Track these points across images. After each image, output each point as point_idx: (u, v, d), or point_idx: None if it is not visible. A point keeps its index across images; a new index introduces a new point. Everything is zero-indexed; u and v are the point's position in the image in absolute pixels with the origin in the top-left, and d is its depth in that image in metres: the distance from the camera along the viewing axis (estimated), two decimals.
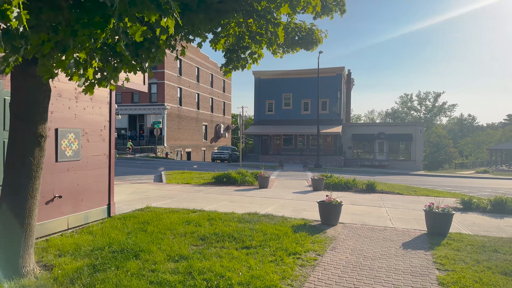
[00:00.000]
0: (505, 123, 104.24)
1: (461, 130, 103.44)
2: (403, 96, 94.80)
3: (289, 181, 18.89)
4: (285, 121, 39.99)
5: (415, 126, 39.40)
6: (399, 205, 11.58)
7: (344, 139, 39.42)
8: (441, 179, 28.18)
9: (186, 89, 47.72)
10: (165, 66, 42.92)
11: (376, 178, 24.03)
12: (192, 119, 49.44)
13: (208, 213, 8.93)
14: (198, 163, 35.20)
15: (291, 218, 8.69)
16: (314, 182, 14.77)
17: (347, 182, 15.21)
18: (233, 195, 12.55)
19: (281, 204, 11.05)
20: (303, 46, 8.43)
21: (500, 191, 18.34)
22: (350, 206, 10.94)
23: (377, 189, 14.86)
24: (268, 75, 41.14)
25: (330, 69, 39.29)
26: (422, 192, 15.14)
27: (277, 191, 14.17)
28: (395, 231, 7.92)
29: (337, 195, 13.44)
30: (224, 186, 15.08)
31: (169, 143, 43.62)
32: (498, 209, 10.69)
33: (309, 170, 30.21)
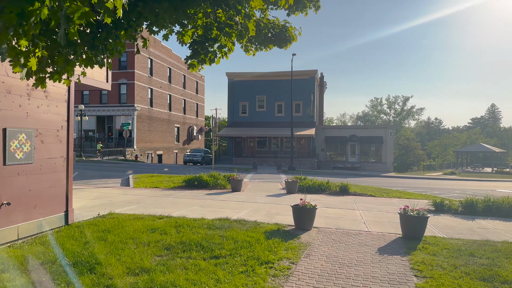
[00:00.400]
0: (470, 126, 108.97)
1: (428, 133, 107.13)
2: (373, 100, 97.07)
3: (263, 184, 18.54)
4: (259, 123, 39.73)
5: (385, 129, 40.18)
6: (372, 208, 11.46)
7: (317, 141, 39.62)
8: (411, 180, 28.73)
9: (158, 90, 46.57)
10: (135, 66, 41.69)
11: (349, 180, 24.13)
12: (164, 120, 48.29)
13: (176, 219, 8.39)
14: (169, 166, 34.27)
15: (264, 223, 8.31)
16: (288, 185, 14.48)
17: (320, 185, 15.03)
18: (204, 200, 12.03)
19: (254, 208, 10.66)
20: (277, 44, 8.10)
21: (469, 192, 18.79)
22: (324, 209, 10.69)
23: (350, 191, 14.76)
24: (242, 77, 40.78)
25: (304, 71, 39.42)
26: (394, 194, 15.19)
27: (251, 194, 13.77)
28: (370, 235, 7.70)
29: (311, 197, 13.20)
30: (195, 190, 14.52)
31: (139, 146, 42.33)
32: (469, 210, 10.75)
33: (283, 172, 30.03)
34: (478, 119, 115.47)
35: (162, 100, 47.96)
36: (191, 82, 56.80)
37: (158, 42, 46.93)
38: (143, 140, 43.53)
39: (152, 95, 45.44)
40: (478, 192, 19.28)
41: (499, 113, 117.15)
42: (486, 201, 10.99)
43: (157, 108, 46.55)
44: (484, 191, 20.01)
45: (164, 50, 48.20)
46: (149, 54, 44.62)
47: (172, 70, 50.29)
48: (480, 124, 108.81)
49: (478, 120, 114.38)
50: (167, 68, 49.09)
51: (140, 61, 42.76)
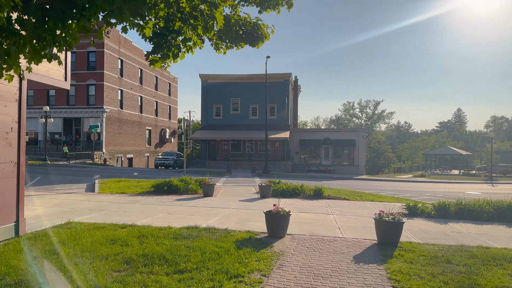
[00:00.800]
0: (437, 130, 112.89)
1: (398, 136, 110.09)
2: (346, 104, 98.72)
3: (236, 188, 18.08)
4: (233, 126, 39.22)
5: (358, 132, 40.67)
6: (346, 212, 11.25)
7: (291, 144, 39.57)
8: (383, 183, 29.08)
9: (128, 91, 45.19)
10: (105, 66, 40.26)
11: (323, 183, 24.04)
12: (135, 123, 46.90)
13: (140, 228, 7.80)
14: (140, 170, 33.16)
15: (235, 231, 7.85)
16: (262, 189, 14.10)
17: (295, 189, 14.75)
18: (173, 206, 11.44)
19: (226, 214, 10.18)
20: (248, 42, 7.70)
21: (439, 195, 19.07)
22: (298, 214, 10.37)
23: (324, 195, 14.57)
24: (216, 79, 40.18)
25: (278, 75, 39.32)
26: (367, 197, 15.12)
27: (223, 199, 13.28)
28: (345, 242, 7.41)
29: (285, 202, 12.88)
30: (164, 195, 13.87)
31: (108, 149, 40.83)
32: (442, 214, 10.74)
33: (257, 176, 29.67)
34: (445, 123, 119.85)
35: (133, 102, 46.59)
36: (163, 84, 55.59)
37: (129, 42, 45.64)
38: (113, 143, 42.05)
39: (123, 96, 44.03)
40: (448, 194, 19.62)
41: (464, 117, 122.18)
42: (458, 204, 11.03)
43: (128, 110, 45.16)
44: (454, 193, 20.40)
45: (135, 51, 46.92)
46: (120, 54, 43.27)
47: (143, 71, 49.01)
48: (447, 127, 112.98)
49: (445, 124, 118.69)
50: (138, 69, 47.78)
51: (109, 62, 41.35)
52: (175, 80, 60.18)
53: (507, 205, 10.67)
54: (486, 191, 23.28)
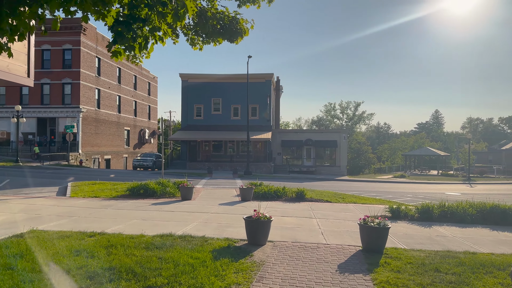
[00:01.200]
0: (416, 131, 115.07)
1: (378, 137, 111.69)
2: (327, 105, 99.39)
3: (217, 190, 17.56)
4: (214, 126, 38.58)
5: (339, 133, 40.74)
6: (329, 215, 10.93)
7: (273, 145, 39.26)
8: (364, 184, 29.10)
9: (106, 90, 43.90)
10: (81, 64, 38.94)
11: (305, 185, 23.81)
12: (113, 123, 45.62)
13: (109, 237, 7.21)
14: (117, 172, 32.14)
15: (213, 238, 7.37)
16: (243, 192, 13.64)
17: (276, 191, 14.36)
18: (149, 211, 10.84)
19: (205, 219, 9.68)
20: (227, 37, 7.24)
21: (420, 196, 19.08)
22: (280, 219, 9.96)
23: (306, 197, 14.25)
24: (197, 79, 39.43)
25: (260, 75, 38.93)
26: (349, 199, 14.89)
27: (202, 203, 12.75)
28: (329, 249, 7.04)
29: (267, 205, 12.48)
30: (140, 199, 13.22)
31: (84, 150, 39.50)
32: (425, 216, 10.55)
33: (239, 177, 29.19)
34: (423, 124, 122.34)
35: (111, 101, 45.30)
36: (143, 83, 54.38)
37: (107, 40, 44.33)
38: (90, 144, 40.72)
39: (100, 96, 42.73)
40: (429, 195, 19.67)
41: (442, 119, 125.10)
42: (441, 206, 10.87)
43: (105, 110, 43.86)
44: (434, 194, 20.49)
45: None
46: (97, 52, 41.98)
47: (122, 70, 47.77)
48: (425, 129, 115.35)
49: (423, 125, 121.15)
50: (116, 68, 46.52)
51: (86, 60, 40.03)
52: (155, 79, 59.01)
53: (490, 207, 10.58)
54: (465, 191, 23.56)
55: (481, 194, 21.51)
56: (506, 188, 28.40)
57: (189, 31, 7.62)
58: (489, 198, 19.05)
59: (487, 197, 19.51)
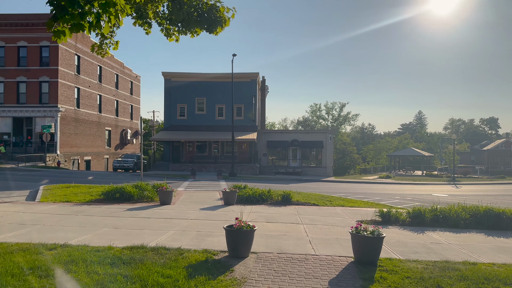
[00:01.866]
0: (399, 131, 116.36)
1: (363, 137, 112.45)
2: (313, 105, 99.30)
3: (199, 193, 16.77)
4: (198, 126, 37.62)
5: (325, 133, 40.38)
6: (317, 220, 10.32)
7: (259, 146, 38.60)
8: (350, 185, 28.72)
9: (86, 89, 42.46)
10: (59, 62, 37.46)
11: (291, 187, 23.23)
12: (93, 123, 44.17)
13: (72, 250, 6.38)
14: (97, 174, 30.92)
15: (190, 250, 6.63)
16: (226, 196, 12.91)
17: (261, 194, 13.69)
18: (123, 217, 10.00)
19: (183, 227, 8.91)
20: (205, 26, 6.50)
21: (408, 198, 18.71)
22: (265, 225, 9.29)
23: (293, 201, 13.63)
24: (180, 77, 38.39)
25: (245, 74, 38.20)
26: (337, 202, 14.33)
27: (182, 207, 11.96)
28: (318, 261, 6.39)
29: (251, 209, 11.79)
30: (115, 204, 12.34)
31: (63, 151, 38.02)
32: (417, 221, 10.04)
33: (223, 179, 28.42)
34: (407, 125, 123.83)
35: (91, 100, 43.84)
36: (125, 82, 52.97)
37: (87, 37, 42.90)
38: (68, 145, 39.24)
39: (80, 95, 41.26)
40: (417, 197, 19.33)
41: (425, 119, 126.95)
42: (433, 210, 10.39)
43: (85, 109, 42.41)
44: (422, 196, 20.19)
45: None
46: (76, 50, 40.53)
47: (103, 69, 46.34)
48: (408, 129, 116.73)
49: (407, 126, 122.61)
50: (97, 66, 45.07)
51: (65, 57, 38.56)
52: (137, 78, 57.62)
53: (483, 211, 10.14)
54: (452, 193, 23.39)
55: (468, 195, 21.33)
56: (491, 188, 28.47)
57: (163, 20, 6.86)
58: (477, 199, 18.83)
59: (474, 198, 19.32)
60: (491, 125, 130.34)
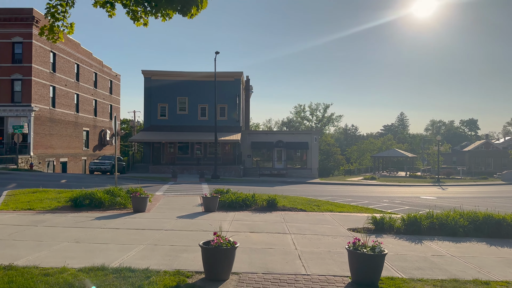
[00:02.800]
0: (382, 132, 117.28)
1: (346, 138, 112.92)
2: (297, 106, 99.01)
3: (179, 198, 15.69)
4: (180, 127, 36.34)
5: (310, 134, 39.73)
6: (306, 229, 9.45)
7: (243, 147, 37.62)
8: (337, 187, 28.08)
9: (62, 88, 40.62)
10: (33, 59, 35.61)
11: (276, 189, 22.37)
12: (70, 123, 42.33)
13: (16, 273, 5.28)
14: (71, 176, 29.33)
15: (160, 272, 5.62)
16: (206, 202, 11.90)
17: (245, 199, 12.75)
18: (88, 228, 8.88)
19: (155, 240, 7.88)
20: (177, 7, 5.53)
21: (397, 201, 18.09)
22: (249, 236, 8.35)
23: (278, 206, 12.75)
24: (161, 76, 37.02)
25: (228, 73, 37.15)
26: (325, 207, 13.52)
27: (157, 216, 10.90)
28: (310, 283, 5.49)
29: (234, 217, 10.83)
30: (84, 211, 11.17)
31: (37, 152, 36.16)
32: (413, 229, 9.28)
33: (206, 181, 27.33)
34: (389, 126, 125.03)
35: (68, 100, 41.99)
36: (104, 81, 51.16)
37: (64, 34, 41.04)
38: (43, 146, 37.37)
39: (55, 94, 39.40)
40: (406, 200, 18.75)
41: (407, 121, 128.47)
42: (429, 217, 9.67)
43: (61, 109, 40.57)
44: (410, 199, 19.64)
45: (71, 44, 42.41)
46: (52, 46, 38.67)
47: (80, 67, 44.52)
48: (391, 130, 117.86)
49: (389, 127, 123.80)
50: (74, 64, 43.24)
51: (39, 54, 36.71)
52: (117, 77, 55.81)
53: (483, 217, 9.47)
54: (440, 195, 22.97)
55: (456, 198, 20.95)
56: (476, 190, 28.32)
57: (128, 1, 5.87)
58: (466, 202, 18.39)
59: (463, 201, 18.89)
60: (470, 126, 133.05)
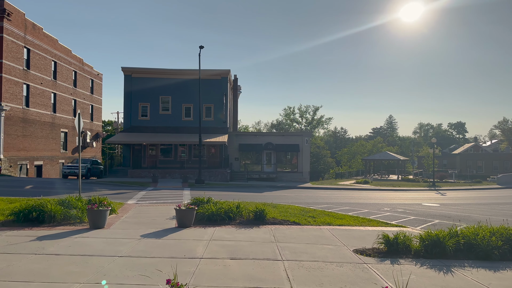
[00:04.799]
0: (371, 135, 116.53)
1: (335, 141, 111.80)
2: (287, 108, 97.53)
3: (152, 208, 13.60)
4: (163, 128, 34.11)
5: (301, 136, 37.92)
6: (301, 252, 7.51)
7: (230, 149, 35.57)
8: (330, 193, 26.25)
9: (37, 86, 38.00)
10: (4, 55, 32.97)
11: (265, 196, 20.42)
12: (46, 124, 39.68)
13: None
14: (40, 182, 26.87)
15: None
16: (180, 215, 9.83)
17: (228, 211, 10.75)
18: (17, 255, 6.75)
19: (99, 275, 5.81)
20: None
21: (399, 209, 16.28)
22: (228, 267, 6.35)
23: (267, 219, 10.80)
24: (142, 73, 34.73)
25: (215, 71, 35.09)
26: (322, 218, 11.60)
27: (118, 234, 8.82)
28: None
29: (213, 235, 8.82)
30: (27, 228, 9.02)
31: (8, 155, 33.49)
32: (436, 252, 7.42)
33: (189, 186, 25.21)
34: (378, 129, 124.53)
35: (44, 99, 39.35)
36: (84, 80, 48.56)
37: (40, 29, 38.54)
38: (15, 148, 34.69)
39: (29, 92, 36.75)
40: (408, 208, 16.97)
41: (396, 124, 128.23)
42: (453, 235, 7.83)
43: (36, 108, 37.92)
44: (412, 206, 17.89)
45: (48, 40, 39.83)
46: (25, 42, 36.09)
47: (58, 64, 41.92)
48: (379, 133, 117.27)
49: (378, 130, 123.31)
50: (51, 61, 40.63)
51: (11, 50, 34.10)
52: (99, 76, 53.22)
53: None
54: (441, 201, 21.30)
55: (460, 205, 19.29)
56: (477, 195, 26.82)
57: None
58: (473, 210, 16.74)
59: (469, 208, 17.21)
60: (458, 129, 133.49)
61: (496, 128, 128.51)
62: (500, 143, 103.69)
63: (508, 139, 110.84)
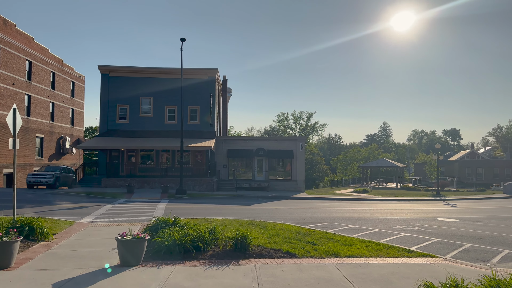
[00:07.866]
0: (365, 142, 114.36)
1: (330, 148, 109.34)
2: (280, 114, 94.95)
3: (107, 229, 10.62)
4: (143, 132, 31.04)
5: (296, 141, 35.11)
6: None
7: (218, 156, 32.60)
8: (329, 204, 23.38)
9: (8, 87, 34.77)
10: None
11: (255, 209, 17.51)
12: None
13: None
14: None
15: None
16: (123, 249, 6.83)
17: (197, 238, 7.84)
18: None
19: None
20: None
21: (415, 228, 13.41)
22: None
23: (250, 249, 7.94)
24: (121, 72, 31.69)
25: (201, 70, 32.21)
26: (325, 246, 8.75)
27: (24, 279, 5.84)
28: None
29: (166, 282, 5.84)
30: None
31: None
32: None
33: (168, 198, 22.18)
34: (372, 135, 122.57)
35: (16, 101, 36.03)
36: (64, 82, 45.34)
37: (12, 25, 35.45)
38: None
39: None
40: (425, 225, 14.14)
41: (390, 130, 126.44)
42: None
43: (6, 111, 34.59)
44: (428, 222, 15.07)
45: (21, 37, 36.72)
46: None
47: (33, 64, 38.75)
48: (374, 140, 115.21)
49: (372, 137, 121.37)
50: (25, 61, 37.46)
51: None
52: (81, 79, 50.05)
53: None
54: (456, 214, 18.50)
55: (481, 219, 16.54)
56: (490, 206, 24.13)
57: None
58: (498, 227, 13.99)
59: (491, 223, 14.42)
60: (453, 136, 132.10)
61: (491, 135, 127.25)
62: (494, 150, 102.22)
63: (503, 146, 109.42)
